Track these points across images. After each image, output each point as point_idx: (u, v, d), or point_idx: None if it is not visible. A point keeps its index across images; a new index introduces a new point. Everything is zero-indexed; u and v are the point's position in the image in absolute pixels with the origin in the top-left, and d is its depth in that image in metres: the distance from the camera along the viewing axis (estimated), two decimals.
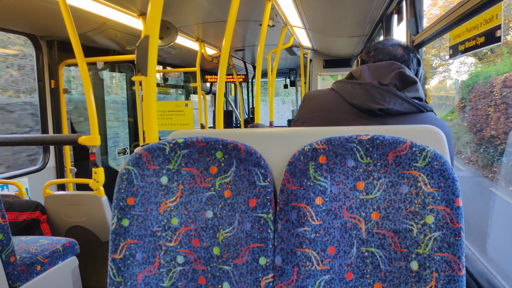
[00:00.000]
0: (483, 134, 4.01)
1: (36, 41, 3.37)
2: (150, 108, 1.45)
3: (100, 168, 2.59)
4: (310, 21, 3.87)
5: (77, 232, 2.69)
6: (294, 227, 0.93)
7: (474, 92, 4.33)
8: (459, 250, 0.84)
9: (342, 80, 1.32)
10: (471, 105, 4.43)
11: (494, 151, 3.83)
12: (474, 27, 1.42)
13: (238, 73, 7.25)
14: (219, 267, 0.98)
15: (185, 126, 4.45)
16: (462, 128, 4.80)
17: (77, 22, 2.49)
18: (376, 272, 0.90)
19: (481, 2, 1.28)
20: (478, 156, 4.13)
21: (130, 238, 0.98)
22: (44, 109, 3.49)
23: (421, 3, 2.39)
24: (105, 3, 2.79)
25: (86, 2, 2.72)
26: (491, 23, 1.28)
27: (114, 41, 3.94)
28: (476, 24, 1.39)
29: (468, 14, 1.43)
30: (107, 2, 2.77)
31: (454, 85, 6.12)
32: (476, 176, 4.09)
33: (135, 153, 1.01)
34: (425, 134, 0.95)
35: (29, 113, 5.10)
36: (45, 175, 3.46)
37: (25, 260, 1.93)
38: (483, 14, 1.33)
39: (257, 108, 3.04)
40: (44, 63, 3.45)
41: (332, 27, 4.20)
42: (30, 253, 2.00)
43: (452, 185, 0.86)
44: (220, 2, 3.03)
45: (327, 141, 0.93)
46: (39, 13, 2.77)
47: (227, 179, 1.00)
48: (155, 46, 1.43)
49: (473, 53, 4.72)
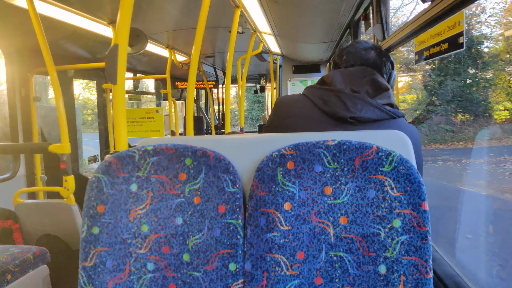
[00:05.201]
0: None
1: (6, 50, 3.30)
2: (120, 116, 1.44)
3: (71, 176, 2.55)
4: (279, 28, 3.91)
5: (48, 240, 2.66)
6: (263, 233, 0.94)
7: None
8: (426, 253, 0.86)
9: (314, 86, 1.32)
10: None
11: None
12: (438, 34, 1.45)
13: (209, 79, 7.24)
14: (189, 273, 0.98)
15: (156, 133, 4.42)
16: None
17: (48, 31, 2.46)
18: (345, 276, 0.92)
19: (445, 9, 1.32)
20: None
21: (100, 245, 0.97)
22: (14, 117, 3.43)
23: (388, 9, 2.44)
24: (75, 11, 2.75)
25: (56, 11, 2.69)
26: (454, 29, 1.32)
27: (84, 49, 3.89)
28: (440, 31, 1.43)
29: (432, 21, 1.46)
30: (77, 10, 2.73)
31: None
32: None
33: (105, 160, 1.01)
34: (391, 139, 0.97)
35: None
36: (15, 183, 3.39)
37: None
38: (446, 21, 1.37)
39: (227, 114, 3.04)
40: (14, 71, 3.39)
41: (301, 33, 4.25)
42: (0, 262, 1.96)
43: (418, 189, 0.88)
44: (189, 10, 3.02)
45: (295, 147, 0.95)
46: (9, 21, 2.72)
47: (196, 186, 1.00)
48: (124, 54, 1.42)
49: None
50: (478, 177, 7.79)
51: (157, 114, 4.42)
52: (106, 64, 1.41)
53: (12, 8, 2.45)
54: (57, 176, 4.10)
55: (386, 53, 1.40)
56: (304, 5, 2.96)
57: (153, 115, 4.42)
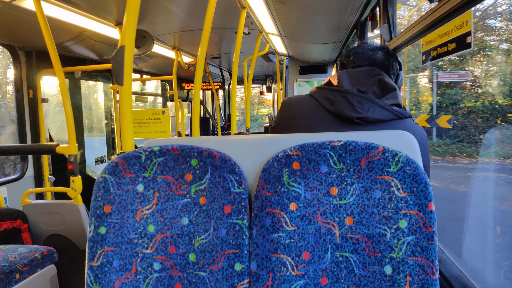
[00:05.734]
0: None
1: (15, 52, 3.35)
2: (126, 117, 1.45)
3: (78, 176, 2.58)
4: (285, 28, 3.90)
5: (55, 240, 2.69)
6: (268, 233, 0.94)
7: None
8: (432, 254, 0.86)
9: (321, 86, 1.31)
10: None
11: None
12: (445, 33, 1.44)
13: (215, 80, 7.25)
14: (195, 273, 0.98)
15: (162, 134, 4.44)
16: None
17: (55, 32, 2.48)
18: (350, 276, 0.91)
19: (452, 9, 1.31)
20: None
21: (107, 245, 0.98)
22: (22, 118, 3.47)
23: (395, 10, 2.43)
24: (82, 13, 2.77)
25: (63, 13, 2.71)
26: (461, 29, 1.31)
27: (91, 50, 3.91)
28: (448, 31, 1.42)
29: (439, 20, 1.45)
30: (84, 12, 2.76)
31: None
32: None
33: (112, 161, 1.02)
34: (397, 139, 0.97)
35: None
36: (23, 184, 3.44)
37: (4, 269, 1.92)
38: (454, 20, 1.36)
39: (233, 115, 3.05)
40: (22, 73, 3.43)
41: (307, 34, 4.24)
42: (9, 261, 1.99)
43: (424, 190, 0.87)
44: (195, 11, 3.03)
45: (301, 148, 0.95)
46: (17, 24, 2.75)
47: (202, 186, 1.01)
48: (131, 56, 1.42)
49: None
50: None
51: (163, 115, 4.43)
52: (112, 65, 1.41)
53: (19, 10, 2.47)
54: (65, 177, 4.15)
55: (393, 54, 1.39)
56: (310, 5, 2.95)
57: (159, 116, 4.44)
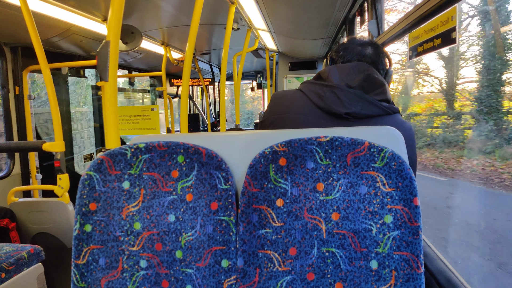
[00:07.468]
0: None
1: (0, 48, 3.29)
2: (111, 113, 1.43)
3: (65, 174, 2.55)
4: (275, 24, 3.90)
5: (43, 238, 2.67)
6: (255, 229, 0.94)
7: None
8: (417, 249, 0.87)
9: (310, 81, 1.32)
10: None
11: None
12: (431, 29, 1.45)
13: (205, 77, 7.22)
14: (182, 270, 0.98)
15: (152, 130, 4.41)
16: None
17: (41, 28, 2.44)
18: (336, 272, 0.92)
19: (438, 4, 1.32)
20: None
21: (93, 243, 0.98)
22: (8, 115, 3.42)
23: (382, 5, 2.44)
24: (69, 8, 2.73)
25: (50, 8, 2.66)
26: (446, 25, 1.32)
27: (79, 46, 3.86)
28: (433, 26, 1.43)
29: (425, 16, 1.47)
30: (71, 7, 2.72)
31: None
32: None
33: (97, 158, 1.01)
34: (383, 135, 0.98)
35: None
36: (10, 182, 3.39)
37: None
38: (440, 16, 1.37)
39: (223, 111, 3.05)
40: (8, 69, 3.37)
41: (297, 30, 4.24)
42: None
43: (409, 185, 0.88)
44: (184, 6, 3.01)
45: (287, 144, 0.95)
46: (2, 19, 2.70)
47: (188, 183, 1.00)
48: (116, 51, 1.41)
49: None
50: None
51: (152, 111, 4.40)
52: (97, 61, 1.40)
53: (4, 5, 2.43)
54: (53, 175, 4.12)
55: (383, 49, 1.39)
56: (300, 1, 2.96)
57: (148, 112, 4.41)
